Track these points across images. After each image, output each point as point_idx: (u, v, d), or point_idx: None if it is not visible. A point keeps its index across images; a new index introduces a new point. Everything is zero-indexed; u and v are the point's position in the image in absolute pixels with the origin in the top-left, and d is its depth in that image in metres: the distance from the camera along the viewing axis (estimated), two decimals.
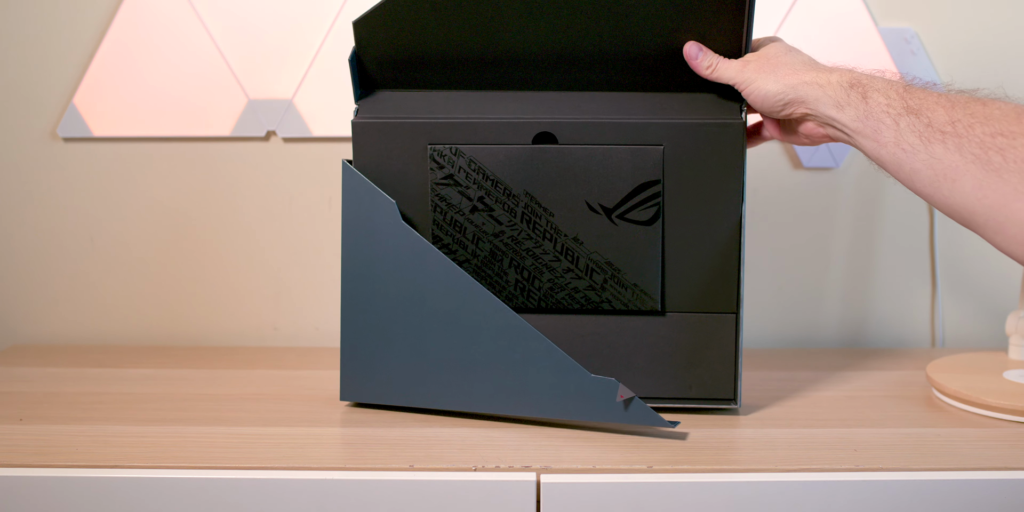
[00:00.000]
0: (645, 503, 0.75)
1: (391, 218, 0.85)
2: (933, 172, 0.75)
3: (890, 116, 0.77)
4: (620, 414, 0.82)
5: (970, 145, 0.73)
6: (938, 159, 0.75)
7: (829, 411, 0.89)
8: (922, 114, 0.76)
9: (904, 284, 1.15)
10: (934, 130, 0.75)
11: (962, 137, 0.74)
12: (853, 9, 1.09)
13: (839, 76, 0.81)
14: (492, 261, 0.88)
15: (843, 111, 0.80)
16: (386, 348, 0.87)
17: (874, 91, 0.79)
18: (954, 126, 0.74)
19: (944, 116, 0.75)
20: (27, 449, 0.80)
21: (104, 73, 1.11)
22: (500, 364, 0.84)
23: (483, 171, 0.87)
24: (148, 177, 1.14)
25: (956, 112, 0.75)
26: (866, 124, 0.79)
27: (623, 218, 0.87)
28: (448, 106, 0.88)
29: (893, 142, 0.77)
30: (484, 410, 0.85)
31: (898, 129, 0.77)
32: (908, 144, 0.76)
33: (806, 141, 0.86)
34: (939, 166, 0.75)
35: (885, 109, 0.78)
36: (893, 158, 0.77)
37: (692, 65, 0.85)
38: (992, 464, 0.77)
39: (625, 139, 0.86)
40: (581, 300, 0.88)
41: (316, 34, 1.10)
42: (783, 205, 1.13)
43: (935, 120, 0.75)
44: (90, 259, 1.15)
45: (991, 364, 0.97)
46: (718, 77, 0.85)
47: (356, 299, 0.87)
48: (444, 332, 0.85)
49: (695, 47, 0.85)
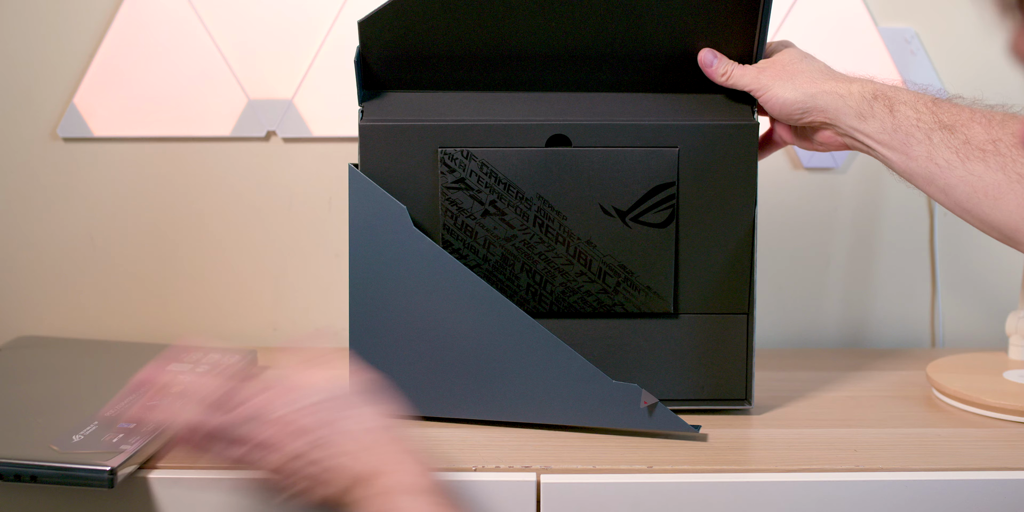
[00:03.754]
0: (645, 503, 0.75)
1: (402, 224, 0.84)
2: (971, 188, 0.76)
3: (921, 130, 0.77)
4: (643, 420, 0.82)
5: (1015, 165, 0.74)
6: (978, 176, 0.75)
7: (829, 411, 0.89)
8: (957, 131, 0.76)
9: (904, 284, 1.15)
10: (972, 147, 0.75)
11: (1005, 157, 0.74)
12: (853, 9, 1.09)
13: (860, 86, 0.81)
14: (504, 266, 0.87)
15: (867, 122, 0.79)
16: (398, 357, 0.85)
17: (901, 104, 0.79)
18: (996, 145, 0.75)
19: (983, 134, 0.75)
20: None
21: (104, 73, 1.11)
22: (519, 371, 0.83)
23: (495, 174, 0.86)
24: (148, 177, 1.14)
25: (995, 131, 0.75)
26: (894, 137, 0.78)
27: (637, 221, 0.86)
28: (458, 108, 0.87)
29: (925, 156, 0.77)
30: (501, 418, 0.85)
31: (931, 144, 0.77)
32: (943, 159, 0.76)
33: (820, 148, 0.86)
34: (979, 183, 0.75)
35: (915, 123, 0.78)
36: (925, 172, 0.78)
37: (707, 73, 0.85)
38: (992, 464, 0.77)
39: (639, 141, 0.85)
40: (593, 303, 0.87)
41: (316, 34, 1.10)
42: (783, 205, 1.13)
43: (973, 137, 0.76)
44: (90, 259, 1.15)
45: (991, 364, 0.97)
46: (733, 84, 0.85)
47: (366, 307, 0.85)
48: (460, 340, 0.84)
49: (710, 54, 0.85)
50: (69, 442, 0.76)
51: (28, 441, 0.76)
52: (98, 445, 0.76)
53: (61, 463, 0.73)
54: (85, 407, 0.83)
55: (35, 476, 0.73)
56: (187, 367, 0.94)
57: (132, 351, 1.00)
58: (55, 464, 0.73)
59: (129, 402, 0.84)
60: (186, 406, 0.64)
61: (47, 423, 0.79)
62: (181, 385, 0.66)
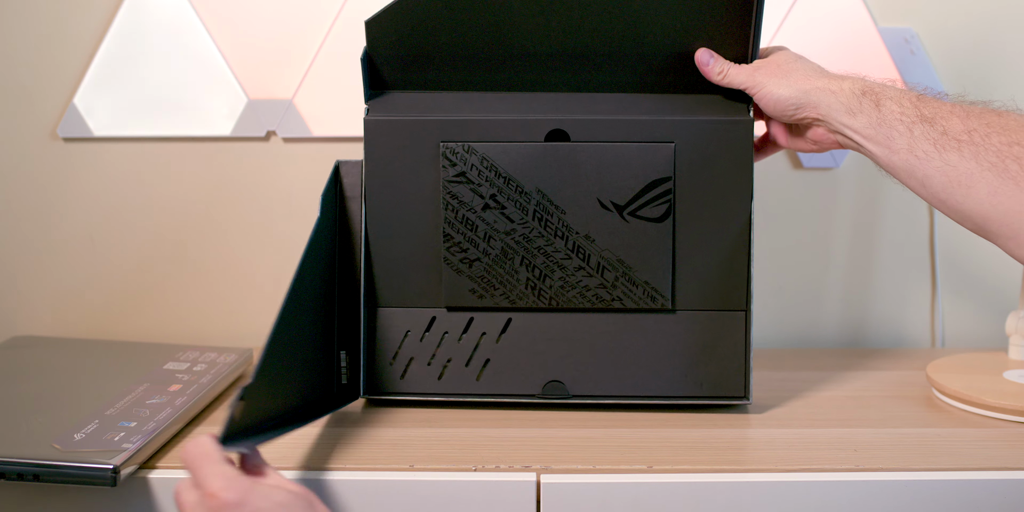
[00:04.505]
0: (645, 503, 0.75)
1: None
2: (947, 178, 0.77)
3: (903, 124, 0.79)
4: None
5: (987, 153, 0.75)
6: (952, 166, 0.76)
7: (829, 411, 0.89)
8: (936, 123, 0.78)
9: (904, 284, 1.15)
10: (949, 138, 0.77)
11: (978, 146, 0.76)
12: (853, 9, 1.09)
13: (851, 83, 0.83)
14: (503, 259, 0.88)
15: (855, 118, 0.81)
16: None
17: (887, 99, 0.81)
18: (970, 135, 0.76)
19: (960, 125, 0.77)
20: None
21: (104, 73, 1.11)
22: None
23: (495, 168, 0.87)
24: (148, 177, 1.14)
25: (972, 122, 0.77)
26: (879, 131, 0.80)
27: (635, 215, 0.87)
28: (460, 105, 0.89)
29: (906, 149, 0.79)
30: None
31: (912, 136, 0.78)
32: (922, 151, 0.78)
33: (814, 147, 0.88)
34: (953, 173, 0.77)
35: (899, 117, 0.79)
36: (905, 164, 0.79)
37: (704, 71, 0.87)
38: (992, 464, 0.77)
39: (637, 136, 0.87)
40: (592, 298, 0.88)
41: (316, 34, 1.10)
42: (783, 205, 1.13)
43: (950, 129, 0.77)
44: (90, 259, 1.15)
45: (991, 364, 0.97)
46: (729, 82, 0.87)
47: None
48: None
49: (707, 54, 0.87)
50: (71, 441, 0.76)
51: (30, 440, 0.76)
52: (100, 444, 0.76)
53: (64, 462, 0.73)
54: (86, 406, 0.83)
55: (38, 475, 0.73)
56: (184, 366, 0.94)
57: (131, 351, 1.00)
58: (58, 463, 0.73)
59: (130, 400, 0.84)
60: None
61: (48, 422, 0.79)
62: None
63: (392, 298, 0.89)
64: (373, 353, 0.90)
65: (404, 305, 0.89)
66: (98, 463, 0.72)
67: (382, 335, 0.90)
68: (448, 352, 0.89)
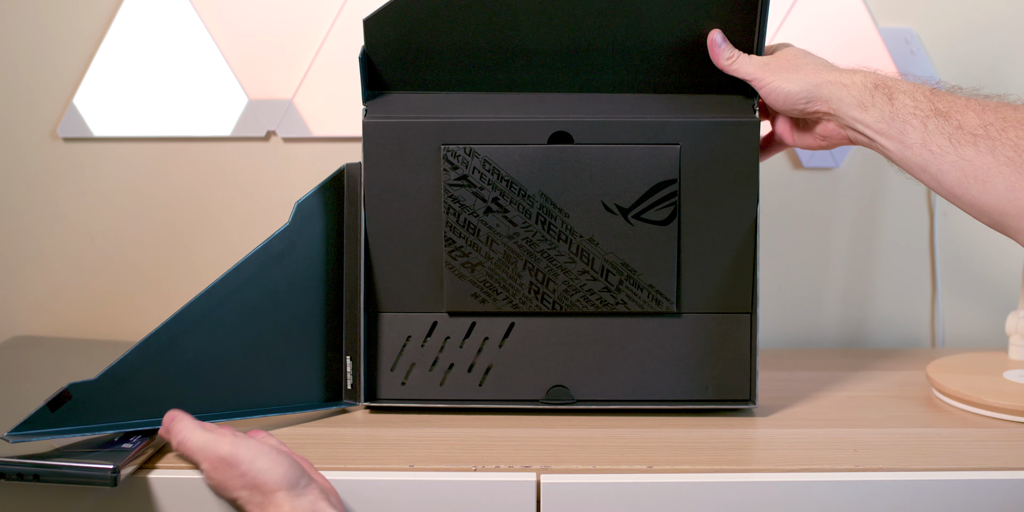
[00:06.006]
0: (645, 503, 0.75)
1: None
2: (962, 174, 0.76)
3: (917, 118, 0.78)
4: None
5: (1003, 148, 0.74)
6: (968, 161, 0.76)
7: (829, 411, 0.89)
8: (951, 117, 0.77)
9: (904, 284, 1.15)
10: (965, 132, 0.76)
11: (995, 140, 0.75)
12: (853, 9, 1.09)
13: (862, 77, 0.81)
14: (506, 263, 0.87)
15: (867, 112, 0.80)
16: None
17: (900, 93, 0.79)
18: (986, 129, 0.75)
19: (975, 119, 0.76)
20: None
21: (104, 73, 1.11)
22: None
23: (498, 171, 0.86)
24: (148, 177, 1.14)
25: (988, 116, 0.76)
26: (891, 125, 0.79)
27: (639, 218, 0.86)
28: (461, 107, 0.87)
29: (920, 143, 0.78)
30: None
31: (926, 131, 0.77)
32: (936, 146, 0.77)
33: (823, 143, 0.86)
34: (969, 168, 0.76)
35: (912, 111, 0.78)
36: (919, 159, 0.78)
37: (713, 53, 0.85)
38: (992, 464, 0.77)
39: (641, 138, 0.86)
40: (596, 302, 0.87)
41: (316, 34, 1.10)
42: (783, 205, 1.13)
43: (966, 123, 0.76)
44: (89, 259, 1.15)
45: (991, 364, 0.97)
46: (736, 70, 0.85)
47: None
48: None
49: (721, 35, 0.85)
50: (71, 441, 0.76)
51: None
52: (100, 444, 0.76)
53: (64, 462, 0.73)
54: None
55: (38, 475, 0.73)
56: None
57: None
58: (58, 463, 0.73)
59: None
60: None
61: None
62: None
63: (393, 303, 0.89)
64: (374, 359, 0.89)
65: (405, 310, 0.89)
66: (98, 463, 0.72)
67: (383, 340, 0.89)
68: (450, 357, 0.88)
